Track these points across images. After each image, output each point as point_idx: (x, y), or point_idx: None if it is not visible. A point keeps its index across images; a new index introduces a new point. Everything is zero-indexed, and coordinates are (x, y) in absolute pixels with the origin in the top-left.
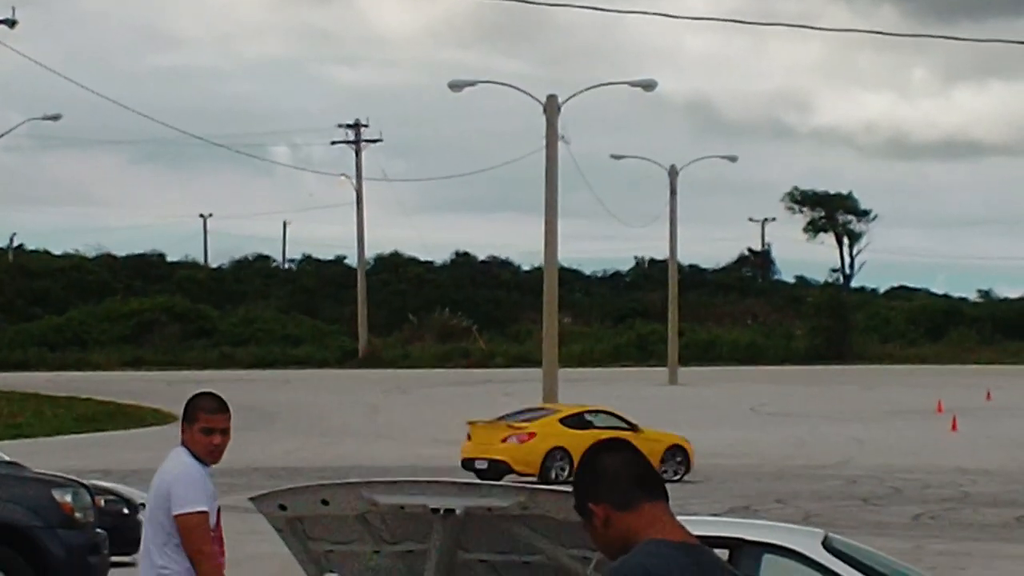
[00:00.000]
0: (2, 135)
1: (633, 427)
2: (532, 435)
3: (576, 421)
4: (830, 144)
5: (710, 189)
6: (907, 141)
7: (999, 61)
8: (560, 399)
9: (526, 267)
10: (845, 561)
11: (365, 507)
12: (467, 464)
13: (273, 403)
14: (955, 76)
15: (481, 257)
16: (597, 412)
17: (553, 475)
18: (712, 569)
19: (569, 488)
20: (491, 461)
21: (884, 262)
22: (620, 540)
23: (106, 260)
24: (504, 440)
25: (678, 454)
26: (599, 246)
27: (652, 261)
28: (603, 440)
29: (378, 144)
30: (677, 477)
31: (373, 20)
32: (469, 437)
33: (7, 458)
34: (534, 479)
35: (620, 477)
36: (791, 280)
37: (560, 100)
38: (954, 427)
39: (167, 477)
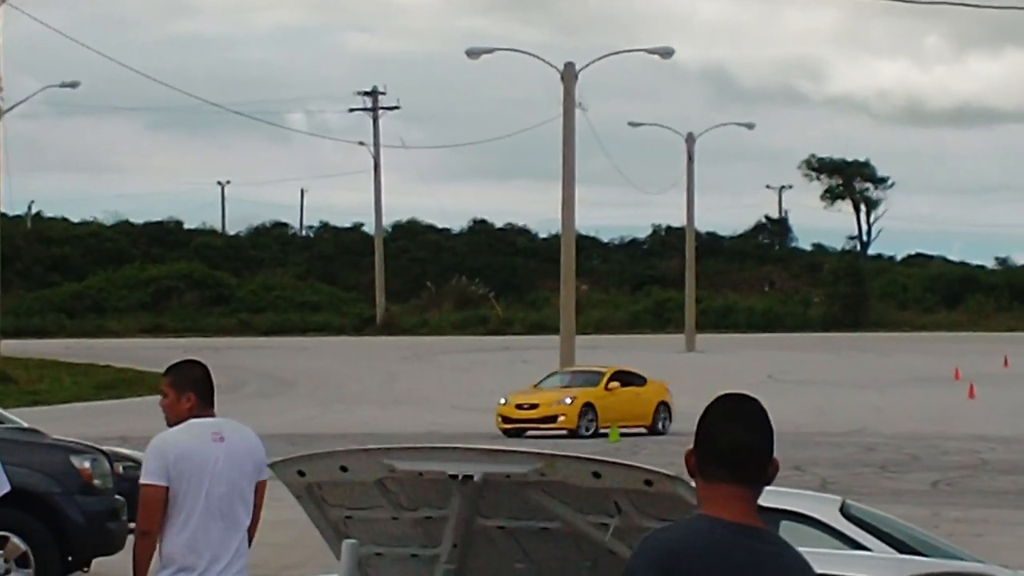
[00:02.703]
0: (20, 103)
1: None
2: None
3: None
4: (846, 111)
5: (727, 156)
6: (922, 108)
7: (1014, 27)
8: (577, 366)
9: (543, 234)
10: (862, 528)
11: (383, 473)
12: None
13: (291, 370)
14: (969, 43)
15: (498, 224)
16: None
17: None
18: (768, 558)
19: (586, 455)
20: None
21: (901, 229)
22: (698, 500)
23: (124, 227)
24: None
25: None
26: (616, 213)
27: (669, 228)
28: (737, 402)
29: (396, 111)
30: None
31: None
32: None
33: (26, 425)
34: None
35: (717, 447)
36: (808, 247)
37: (577, 68)
38: (971, 394)
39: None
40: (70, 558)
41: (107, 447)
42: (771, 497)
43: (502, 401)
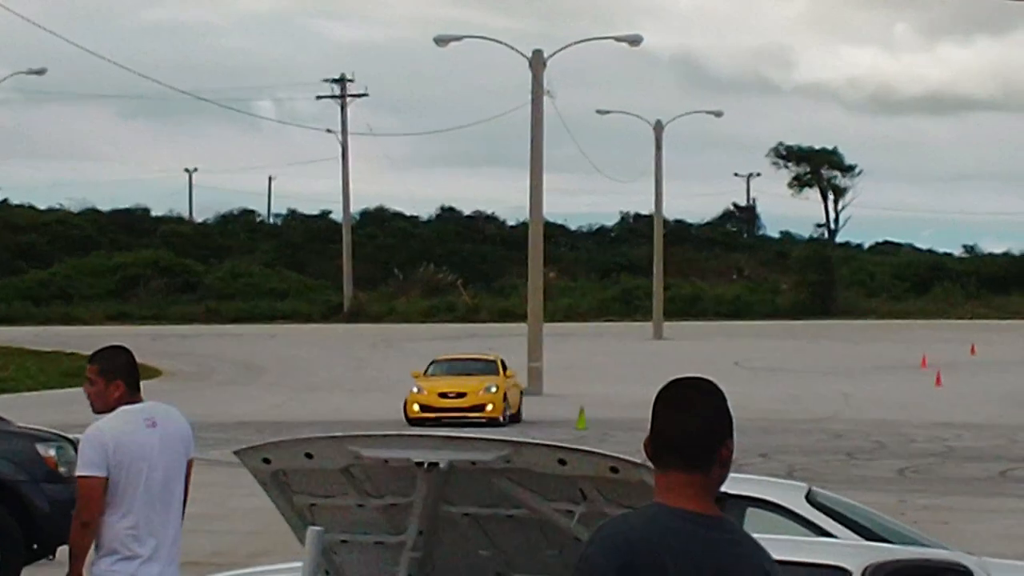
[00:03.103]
0: None
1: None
2: None
3: None
4: (815, 99)
5: (696, 144)
6: (892, 96)
7: (984, 15)
8: (545, 353)
9: (512, 222)
10: (828, 515)
11: (349, 460)
12: None
13: (259, 357)
14: (939, 30)
15: (467, 212)
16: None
17: None
18: (722, 545)
19: (551, 442)
20: None
21: (869, 217)
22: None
23: (91, 215)
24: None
25: None
26: (585, 201)
27: (638, 216)
28: (682, 385)
29: (364, 99)
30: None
31: None
32: None
33: None
34: None
35: (662, 433)
36: (776, 235)
37: (546, 55)
38: (939, 382)
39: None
40: (35, 546)
41: (73, 435)
42: (737, 484)
43: (414, 390)
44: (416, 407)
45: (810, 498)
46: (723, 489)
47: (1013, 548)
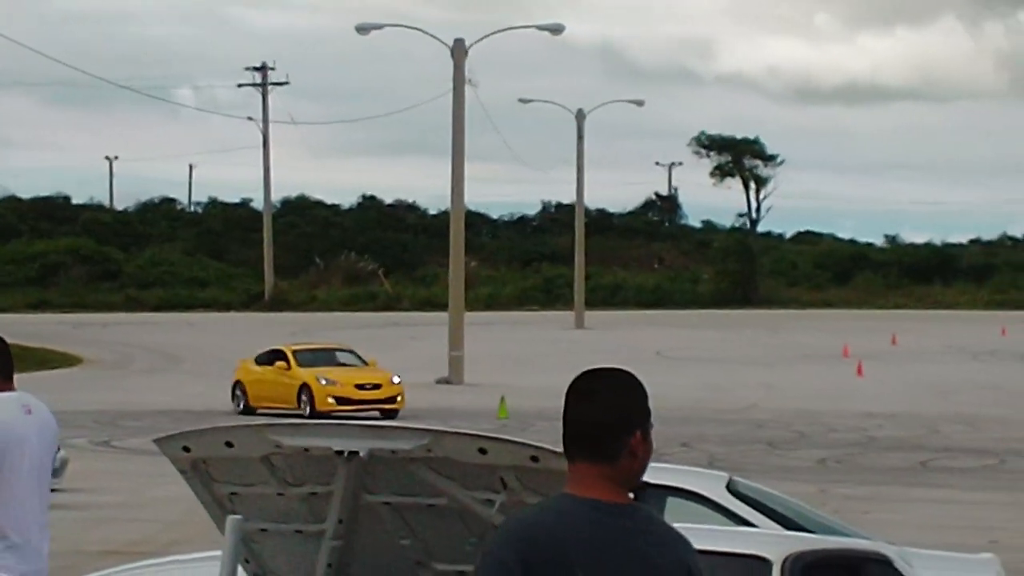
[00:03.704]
0: None
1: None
2: None
3: None
4: (736, 89)
5: (618, 133)
6: (813, 86)
7: (904, 5)
8: (466, 342)
9: (433, 211)
10: (749, 504)
11: (269, 449)
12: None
13: (179, 346)
14: (860, 21)
15: (388, 200)
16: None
17: None
18: (627, 534)
19: (472, 431)
20: None
21: (791, 207)
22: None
23: (11, 202)
24: None
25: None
26: (506, 190)
27: (559, 205)
28: (592, 376)
29: (285, 87)
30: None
31: None
32: None
33: None
34: None
35: (569, 424)
36: (698, 224)
37: (468, 44)
38: (860, 372)
39: None
40: None
41: None
42: (657, 474)
43: (322, 382)
44: (329, 399)
45: (731, 488)
46: (643, 479)
47: (933, 537)
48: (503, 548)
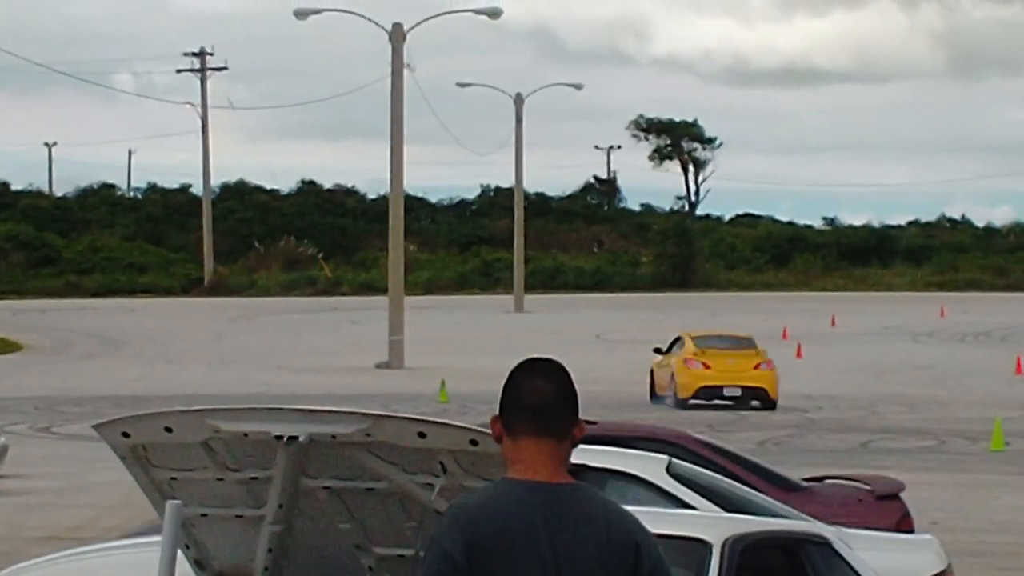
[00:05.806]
0: None
1: None
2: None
3: None
4: (673, 71)
5: (556, 116)
6: (748, 67)
7: None
8: (406, 326)
9: (372, 195)
10: (689, 487)
11: (208, 434)
12: (710, 392)
13: (118, 331)
14: (794, 2)
15: (327, 185)
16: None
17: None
18: (570, 516)
19: (411, 415)
20: (745, 388)
21: (729, 189)
22: (504, 463)
23: None
24: (757, 367)
25: None
26: (445, 173)
27: (498, 188)
28: (538, 359)
29: (224, 72)
30: None
31: None
32: (706, 365)
33: None
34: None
35: (521, 400)
36: (637, 208)
37: (406, 28)
38: (799, 354)
39: None
40: None
41: None
42: (597, 456)
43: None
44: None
45: (671, 470)
46: (582, 462)
47: None
48: (446, 536)
